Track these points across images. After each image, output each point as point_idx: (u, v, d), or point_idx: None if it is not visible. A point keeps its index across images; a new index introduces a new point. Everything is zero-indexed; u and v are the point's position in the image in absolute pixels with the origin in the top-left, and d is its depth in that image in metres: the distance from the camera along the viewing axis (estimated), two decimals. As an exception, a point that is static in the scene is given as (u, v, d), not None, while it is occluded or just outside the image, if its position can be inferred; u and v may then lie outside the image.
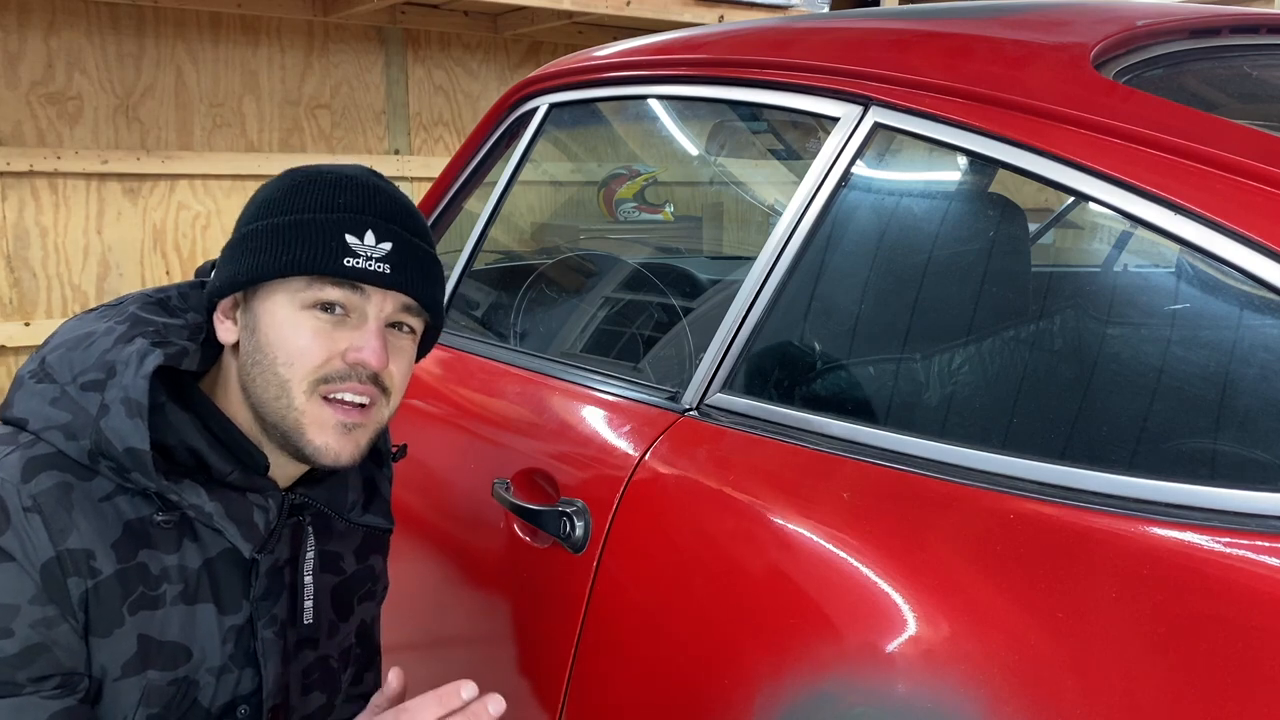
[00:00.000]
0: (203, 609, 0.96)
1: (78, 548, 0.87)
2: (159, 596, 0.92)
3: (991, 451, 0.92)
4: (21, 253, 3.25)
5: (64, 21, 3.25)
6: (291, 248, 0.93)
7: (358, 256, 0.93)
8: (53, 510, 0.87)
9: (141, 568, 0.91)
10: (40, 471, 0.88)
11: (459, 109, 4.05)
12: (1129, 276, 1.35)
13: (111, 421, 0.88)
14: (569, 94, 1.63)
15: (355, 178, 0.98)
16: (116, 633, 0.90)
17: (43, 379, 0.93)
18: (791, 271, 1.14)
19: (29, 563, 0.86)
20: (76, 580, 0.87)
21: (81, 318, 0.99)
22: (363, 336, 0.95)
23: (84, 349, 0.93)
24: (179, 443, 0.93)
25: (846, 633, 0.91)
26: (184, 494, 0.91)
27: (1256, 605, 0.72)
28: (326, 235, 0.93)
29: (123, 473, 0.89)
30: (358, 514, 1.08)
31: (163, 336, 0.95)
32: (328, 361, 0.94)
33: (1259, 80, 1.22)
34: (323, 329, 0.94)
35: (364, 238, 0.94)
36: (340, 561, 1.11)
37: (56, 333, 0.97)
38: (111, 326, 0.95)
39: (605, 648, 1.14)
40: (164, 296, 1.01)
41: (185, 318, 0.99)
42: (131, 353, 0.91)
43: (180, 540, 0.94)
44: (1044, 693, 0.78)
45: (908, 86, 1.09)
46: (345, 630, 1.12)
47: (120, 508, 0.91)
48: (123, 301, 1.00)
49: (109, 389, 0.90)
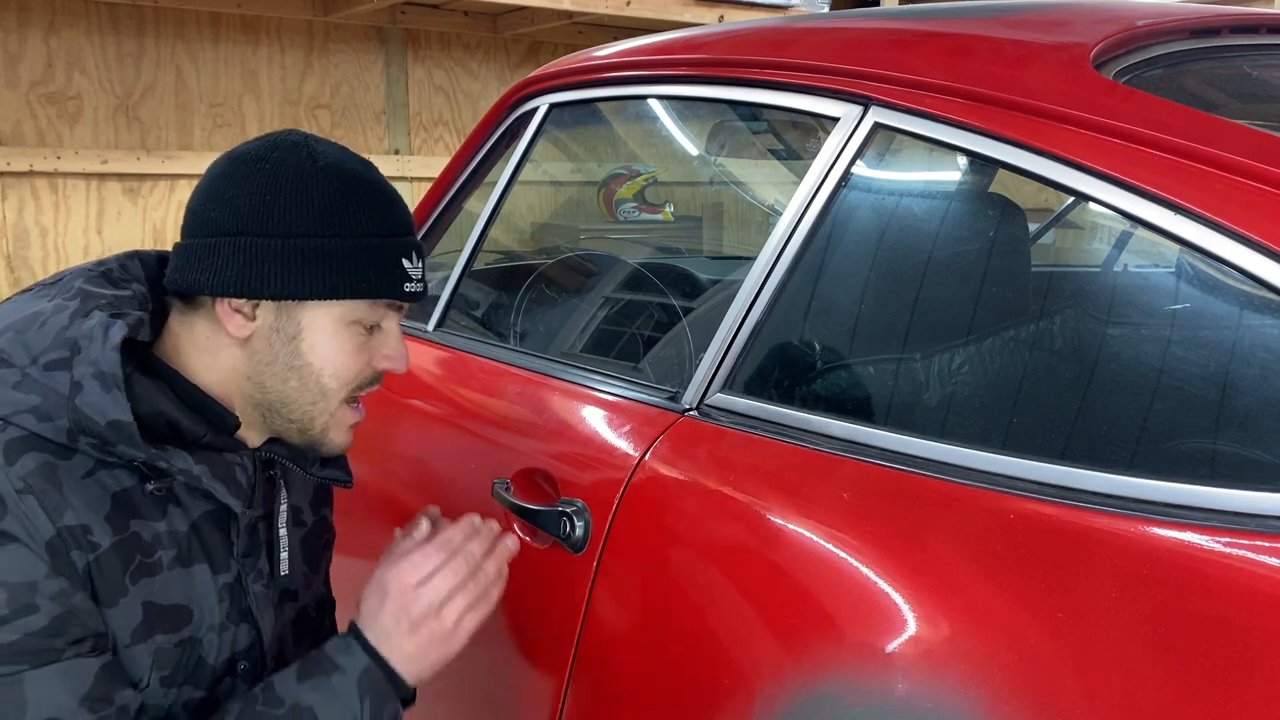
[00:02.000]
0: (198, 569, 0.98)
1: (74, 524, 0.88)
2: (156, 563, 0.94)
3: (991, 451, 0.92)
4: (21, 253, 3.26)
5: (64, 21, 3.26)
6: (364, 275, 0.97)
7: (411, 280, 1.00)
8: (44, 489, 0.87)
9: (135, 537, 0.93)
10: (22, 454, 0.88)
11: (459, 109, 4.05)
12: (1129, 276, 1.35)
13: (88, 398, 0.88)
14: (569, 94, 1.63)
15: (383, 188, 1.01)
16: (122, 602, 0.92)
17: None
18: (792, 271, 1.14)
19: (34, 542, 0.86)
20: (79, 554, 0.89)
21: (18, 299, 0.97)
22: (394, 346, 1.03)
23: (37, 329, 0.92)
24: (152, 411, 0.93)
25: (846, 633, 0.91)
26: (171, 460, 0.92)
27: (1256, 605, 0.72)
28: (391, 263, 0.99)
29: (106, 447, 0.90)
30: (318, 468, 1.10)
31: (117, 309, 0.94)
32: (363, 371, 1.02)
33: (1259, 80, 1.22)
34: (363, 344, 1.01)
35: (412, 259, 1.01)
36: (301, 514, 1.14)
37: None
38: (61, 303, 0.94)
39: (605, 648, 1.14)
40: (106, 269, 1.01)
41: (131, 288, 1.00)
42: (93, 326, 0.91)
43: (165, 506, 0.96)
44: (1044, 693, 0.78)
45: (908, 86, 1.09)
46: (316, 581, 1.17)
47: (104, 482, 0.91)
48: (62, 277, 0.99)
49: (76, 366, 0.89)
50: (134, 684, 0.93)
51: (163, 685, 0.95)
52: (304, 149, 0.98)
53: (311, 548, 1.16)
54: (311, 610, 1.15)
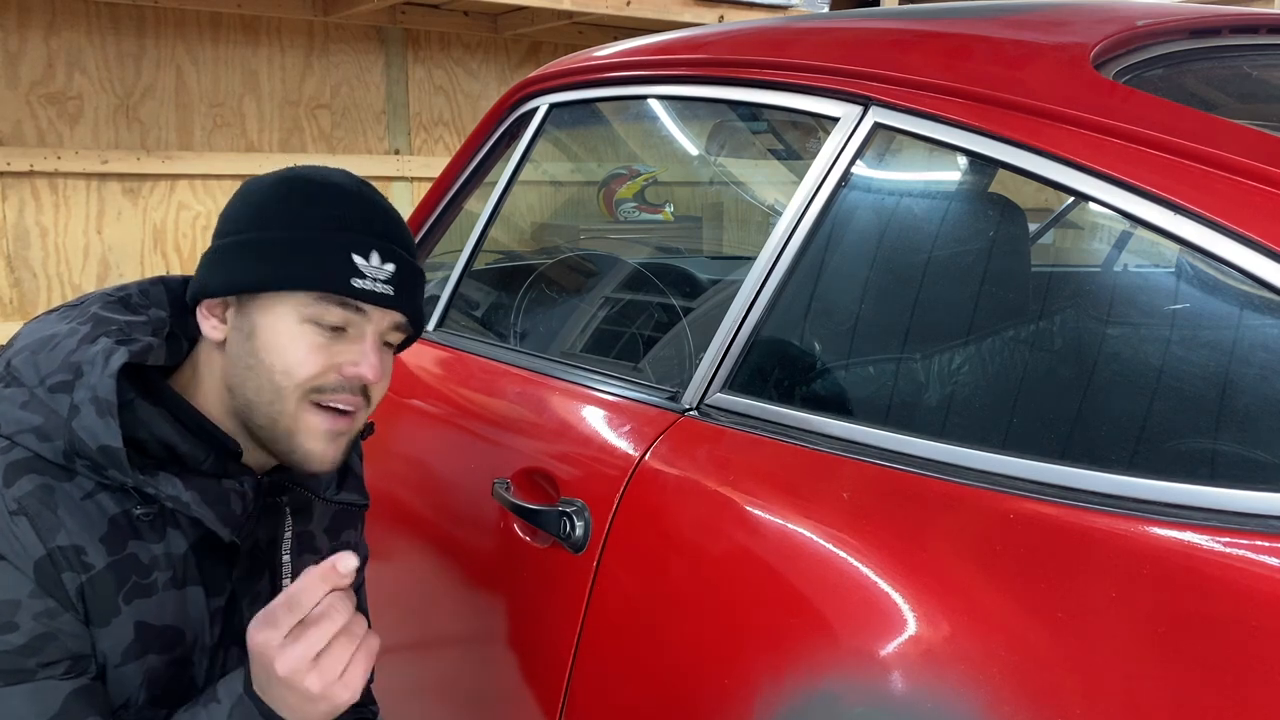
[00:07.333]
0: (193, 591, 0.98)
1: (67, 544, 0.89)
2: (151, 584, 0.95)
3: (991, 451, 0.92)
4: (22, 253, 3.26)
5: (64, 21, 3.25)
6: (302, 264, 0.95)
7: (364, 278, 0.97)
8: (38, 511, 0.89)
9: (132, 558, 0.93)
10: (21, 476, 0.90)
11: (459, 109, 4.05)
12: (1129, 276, 1.35)
13: (83, 421, 0.90)
14: (569, 94, 1.63)
15: (356, 192, 1.01)
16: (115, 621, 0.92)
17: (10, 383, 0.94)
18: (792, 271, 1.14)
19: (22, 561, 0.88)
20: (71, 575, 0.89)
21: (42, 319, 1.00)
22: (361, 353, 0.99)
23: (49, 351, 0.94)
24: (150, 436, 0.95)
25: (846, 632, 0.91)
26: (160, 486, 0.93)
27: (1256, 605, 0.72)
28: (337, 255, 0.96)
29: (99, 470, 0.91)
30: (333, 492, 1.10)
31: (126, 334, 0.96)
32: (323, 373, 0.98)
33: (1259, 80, 1.22)
34: (322, 344, 0.97)
35: (369, 258, 0.97)
36: (314, 541, 1.14)
37: (19, 335, 0.98)
38: (74, 328, 0.96)
39: (605, 648, 1.14)
40: (125, 295, 1.03)
41: (148, 314, 1.01)
42: (96, 352, 0.93)
43: (164, 529, 0.96)
44: (1044, 693, 0.78)
45: (908, 86, 1.09)
46: None
47: (103, 504, 0.92)
48: (83, 301, 1.01)
49: (77, 389, 0.91)
50: (122, 704, 0.93)
51: (152, 705, 0.96)
52: (290, 168, 1.02)
53: None
54: None
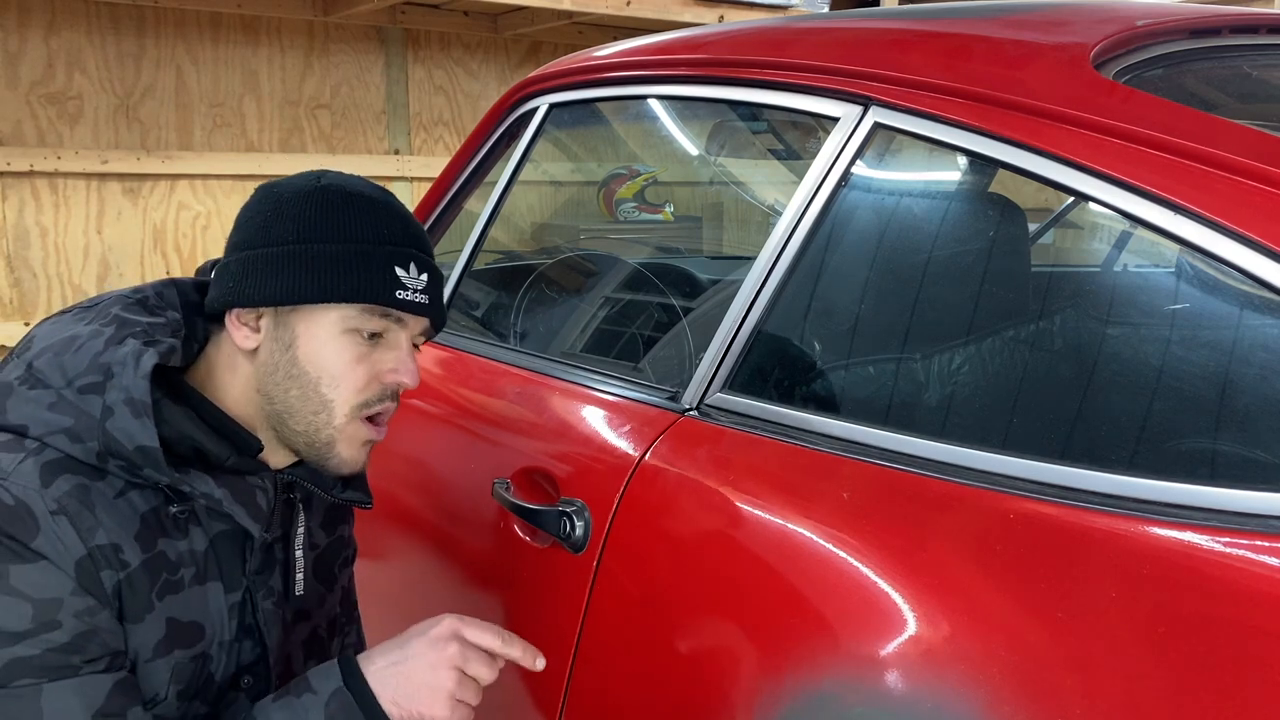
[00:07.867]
0: (212, 587, 1.01)
1: (105, 543, 0.91)
2: (179, 580, 0.97)
3: (991, 451, 0.92)
4: (22, 253, 3.26)
5: (64, 21, 3.26)
6: (351, 278, 0.99)
7: (406, 289, 1.01)
8: (77, 511, 0.90)
9: (162, 555, 0.96)
10: (57, 476, 0.91)
11: (459, 109, 4.05)
12: (1129, 276, 1.35)
13: (118, 422, 0.91)
14: (569, 94, 1.63)
15: (386, 203, 1.04)
16: (148, 618, 0.95)
17: (35, 384, 0.94)
18: (792, 271, 1.14)
19: (63, 560, 0.89)
20: (109, 573, 0.92)
21: (57, 320, 1.01)
22: (399, 359, 1.03)
23: (73, 353, 0.95)
24: (178, 435, 0.96)
25: (846, 632, 0.91)
26: (194, 484, 0.95)
27: (1256, 605, 0.72)
28: (382, 267, 1.00)
29: (133, 470, 0.93)
30: (340, 490, 1.12)
31: (150, 336, 0.98)
32: (369, 384, 1.02)
33: (1259, 80, 1.22)
34: (364, 353, 1.01)
35: (409, 269, 1.01)
36: (313, 536, 1.16)
37: (35, 337, 0.99)
38: (98, 329, 0.97)
39: (605, 648, 1.14)
40: (142, 296, 1.04)
41: (165, 316, 1.03)
42: (126, 354, 0.94)
43: (188, 526, 0.99)
44: (1044, 693, 0.78)
45: (908, 86, 1.09)
46: (331, 600, 1.18)
47: (134, 502, 0.94)
48: (99, 302, 1.02)
49: (109, 391, 0.93)
50: (151, 699, 0.96)
51: (179, 699, 0.98)
52: (315, 174, 1.04)
53: (327, 567, 1.18)
54: (321, 630, 1.17)
